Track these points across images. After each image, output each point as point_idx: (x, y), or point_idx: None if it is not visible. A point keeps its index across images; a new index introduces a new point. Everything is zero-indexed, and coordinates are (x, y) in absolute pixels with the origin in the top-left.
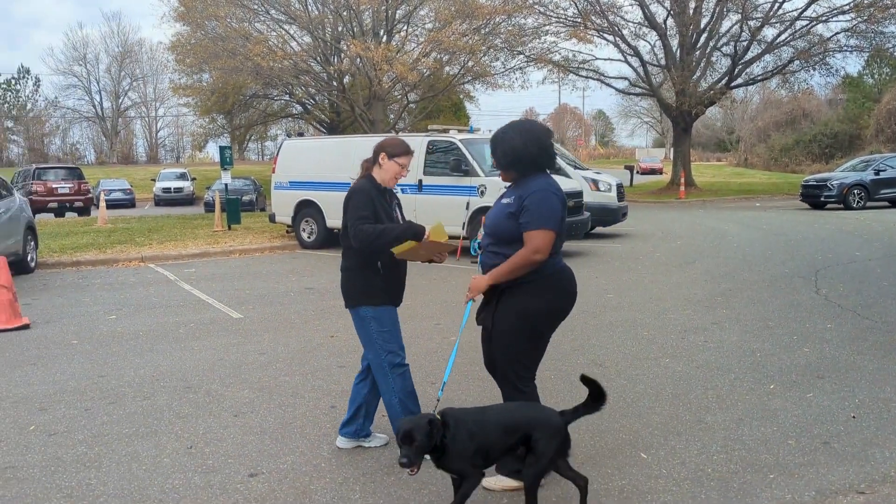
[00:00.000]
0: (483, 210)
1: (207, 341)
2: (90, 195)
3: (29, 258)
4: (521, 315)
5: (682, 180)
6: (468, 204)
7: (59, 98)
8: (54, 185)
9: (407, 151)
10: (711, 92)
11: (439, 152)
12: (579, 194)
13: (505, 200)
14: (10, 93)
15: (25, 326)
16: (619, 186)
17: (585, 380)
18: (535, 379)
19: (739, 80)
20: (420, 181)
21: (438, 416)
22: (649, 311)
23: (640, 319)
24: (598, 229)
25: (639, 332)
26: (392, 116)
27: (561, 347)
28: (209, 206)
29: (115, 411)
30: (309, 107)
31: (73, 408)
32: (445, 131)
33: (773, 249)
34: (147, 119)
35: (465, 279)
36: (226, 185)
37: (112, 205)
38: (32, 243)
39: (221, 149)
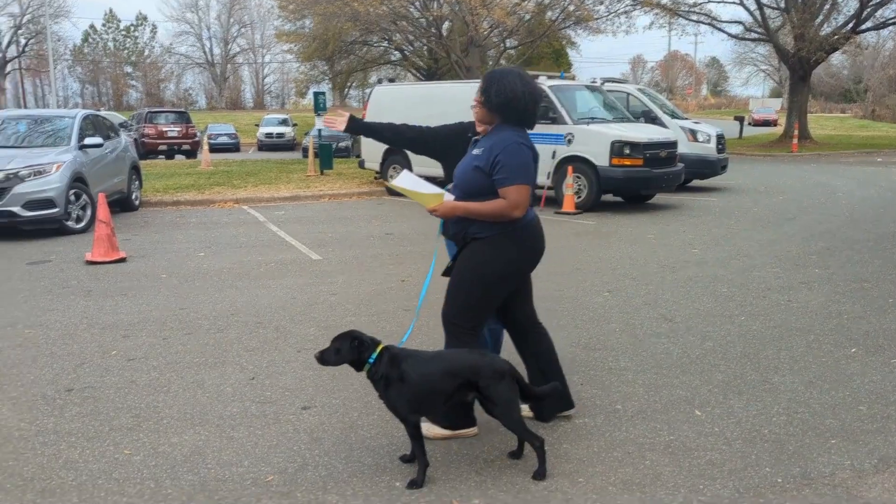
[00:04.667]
0: (570, 159)
1: (284, 280)
2: (197, 139)
3: (133, 196)
4: (480, 272)
5: (796, 132)
6: (554, 153)
7: (174, 44)
8: (164, 129)
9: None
10: (835, 37)
11: None
12: (672, 145)
13: (475, 152)
14: (129, 39)
15: (122, 260)
16: (720, 137)
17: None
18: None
19: (868, 24)
20: None
21: (381, 345)
22: (734, 267)
23: (722, 275)
24: (695, 182)
25: (718, 288)
26: (490, 63)
27: (632, 301)
28: (306, 152)
29: (189, 342)
30: (407, 53)
31: (153, 336)
32: (536, 78)
33: (888, 208)
34: (254, 66)
35: (547, 230)
36: (319, 131)
37: (218, 149)
38: (137, 182)
39: (315, 95)
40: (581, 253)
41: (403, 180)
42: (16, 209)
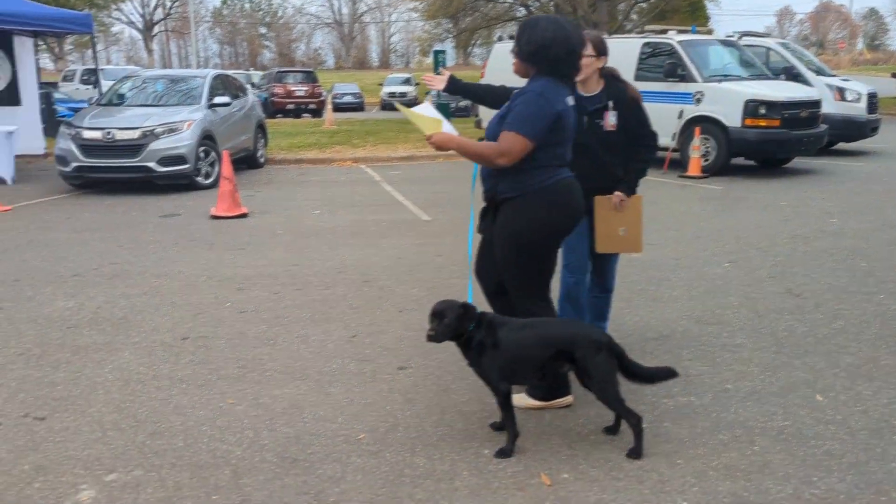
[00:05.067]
0: (698, 120)
1: (393, 240)
2: (322, 98)
3: (259, 154)
4: (516, 242)
5: None
6: (681, 112)
7: (304, 5)
8: (292, 88)
9: None
10: None
11: (654, 56)
12: (815, 104)
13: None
14: (264, 1)
15: (243, 215)
16: (872, 96)
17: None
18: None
19: None
20: None
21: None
22: (876, 240)
23: (862, 248)
24: (840, 145)
25: (856, 262)
26: (619, 18)
27: (755, 273)
28: None
29: (298, 297)
30: (532, 9)
31: (266, 290)
32: (664, 32)
33: None
34: (380, 25)
35: (669, 194)
36: (437, 91)
37: (342, 108)
38: (262, 141)
39: (435, 53)
40: (703, 220)
41: (416, 108)
42: (151, 164)
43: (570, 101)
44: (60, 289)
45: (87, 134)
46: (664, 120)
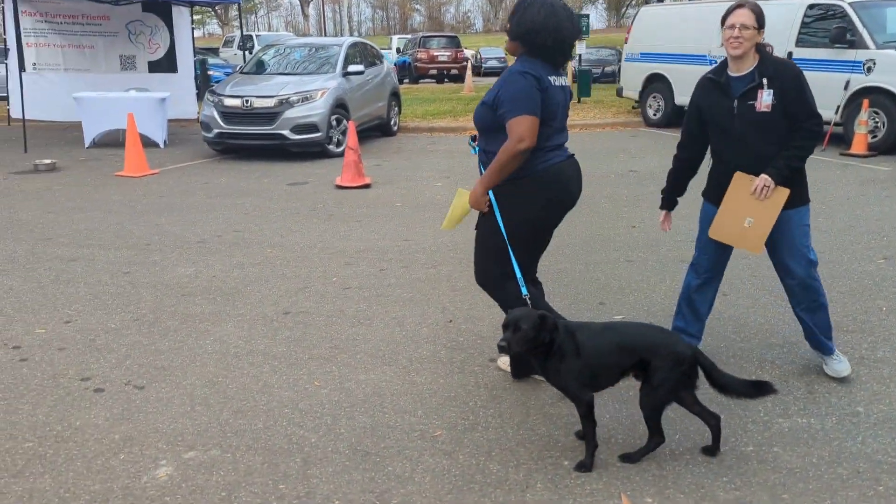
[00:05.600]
0: (866, 91)
1: None
2: (464, 63)
3: (392, 122)
4: (511, 223)
5: None
6: (847, 83)
7: None
8: (435, 53)
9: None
10: None
11: (820, 20)
12: None
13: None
14: None
15: (367, 186)
16: None
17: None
18: None
19: None
20: (790, 54)
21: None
22: None
23: None
24: None
25: None
26: None
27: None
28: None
29: (403, 275)
30: None
31: (372, 266)
32: None
33: None
34: None
35: (826, 174)
36: (579, 55)
37: (488, 72)
38: (396, 109)
39: (578, 17)
40: (861, 206)
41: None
42: (285, 132)
43: (556, 80)
44: (184, 255)
45: (228, 102)
46: (827, 91)
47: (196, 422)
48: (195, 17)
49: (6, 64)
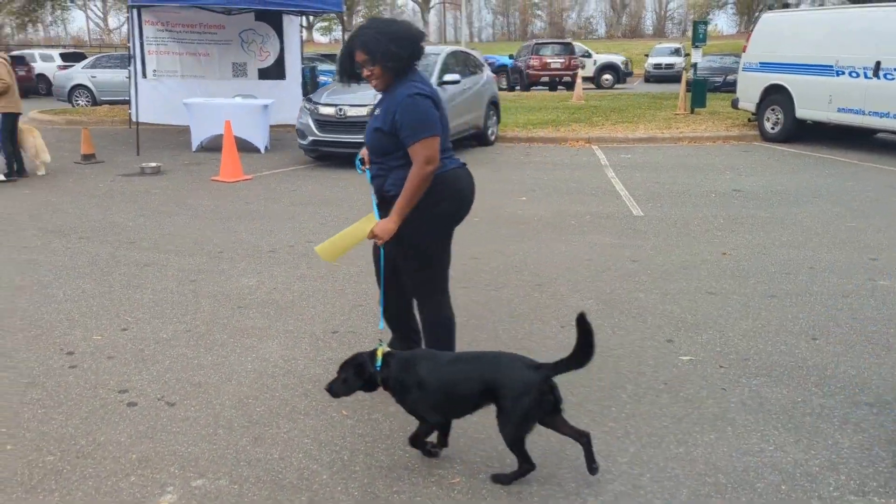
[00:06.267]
0: None
1: (589, 237)
2: (577, 70)
3: (489, 132)
4: (423, 229)
5: None
6: None
7: None
8: (548, 60)
9: None
10: None
11: None
12: None
13: (376, 112)
14: None
15: None
16: None
17: (581, 323)
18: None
19: None
20: (878, 63)
21: (382, 353)
22: None
23: None
24: None
25: None
26: None
27: None
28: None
29: (462, 296)
30: None
31: None
32: None
33: None
34: None
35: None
36: (695, 64)
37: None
38: (494, 118)
39: (695, 25)
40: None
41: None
42: None
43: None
44: (252, 264)
45: (323, 110)
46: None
47: (214, 446)
48: (322, 25)
49: (130, 70)
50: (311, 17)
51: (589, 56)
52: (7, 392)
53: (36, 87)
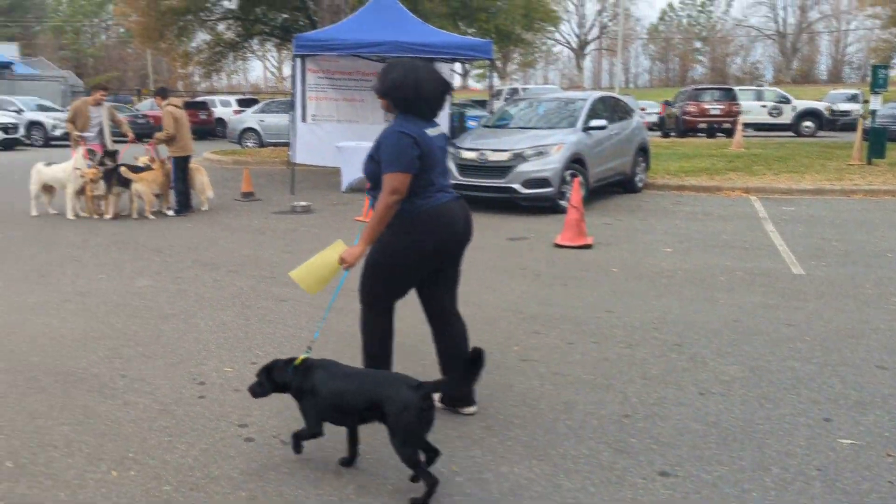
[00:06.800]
0: None
1: (740, 296)
2: (737, 117)
3: (637, 178)
4: (382, 256)
5: None
6: None
7: (746, 16)
8: (706, 106)
9: None
10: None
11: None
12: None
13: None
14: (703, 15)
15: (587, 246)
16: None
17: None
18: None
19: None
20: None
21: (301, 358)
22: None
23: None
24: None
25: None
26: None
27: None
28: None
29: (591, 352)
30: None
31: (561, 338)
32: None
33: None
34: (834, 34)
35: None
36: (873, 111)
37: (764, 126)
38: (643, 164)
39: (874, 69)
40: None
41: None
42: (516, 186)
43: (431, 132)
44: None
45: (465, 154)
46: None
47: (320, 491)
48: (478, 72)
49: (291, 115)
50: (467, 65)
51: (787, 102)
52: (141, 417)
53: (215, 129)
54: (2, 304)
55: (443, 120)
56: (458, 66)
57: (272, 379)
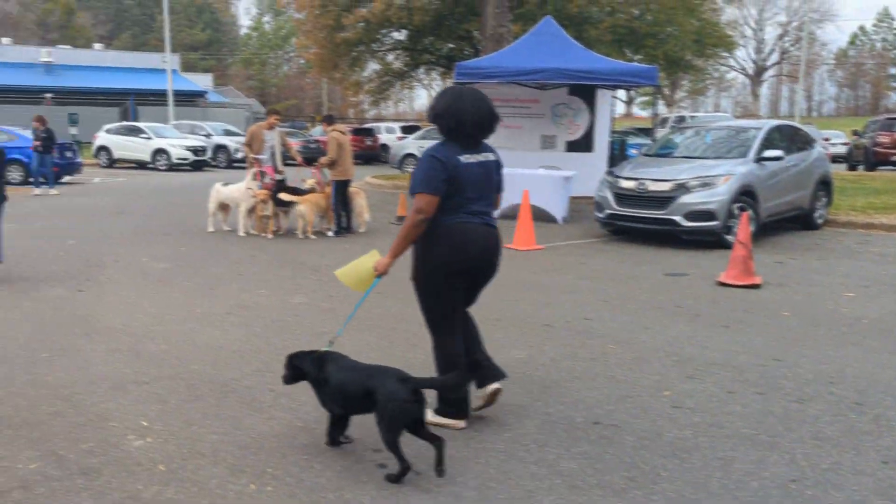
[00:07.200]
0: None
1: None
2: None
3: (816, 215)
4: (421, 272)
5: None
6: None
7: None
8: None
9: None
10: None
11: None
12: None
13: None
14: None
15: (755, 286)
16: None
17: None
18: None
19: None
20: None
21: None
22: None
23: None
24: None
25: None
26: None
27: None
28: None
29: (753, 404)
30: None
31: (719, 385)
32: None
33: None
34: None
35: None
36: None
37: None
38: (824, 199)
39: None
40: None
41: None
42: (677, 218)
43: (466, 158)
44: (524, 336)
45: (623, 183)
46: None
47: None
48: (643, 99)
49: None
50: (632, 92)
51: None
52: (283, 433)
53: (379, 155)
54: (177, 313)
55: (603, 148)
56: (621, 93)
57: (294, 366)
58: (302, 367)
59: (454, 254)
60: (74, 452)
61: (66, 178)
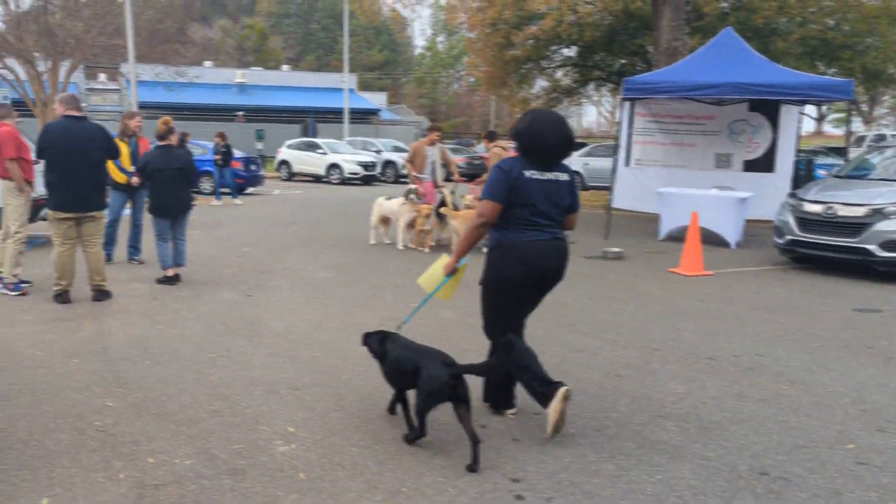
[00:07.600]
0: None
1: None
2: None
3: None
4: (484, 281)
5: None
6: None
7: None
8: None
9: None
10: None
11: None
12: None
13: None
14: None
15: None
16: None
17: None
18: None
19: None
20: None
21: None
22: None
23: None
24: None
25: None
26: None
27: None
28: None
29: (880, 442)
30: None
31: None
32: None
33: None
34: None
35: None
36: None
37: None
38: None
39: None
40: None
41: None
42: (871, 247)
43: (531, 174)
44: (685, 369)
45: (808, 207)
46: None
47: None
48: (837, 116)
49: (614, 159)
50: (823, 107)
51: None
52: (421, 452)
53: None
54: (333, 322)
55: (787, 168)
56: (811, 110)
57: (367, 343)
58: (369, 343)
59: (523, 266)
60: (226, 452)
61: (250, 190)
